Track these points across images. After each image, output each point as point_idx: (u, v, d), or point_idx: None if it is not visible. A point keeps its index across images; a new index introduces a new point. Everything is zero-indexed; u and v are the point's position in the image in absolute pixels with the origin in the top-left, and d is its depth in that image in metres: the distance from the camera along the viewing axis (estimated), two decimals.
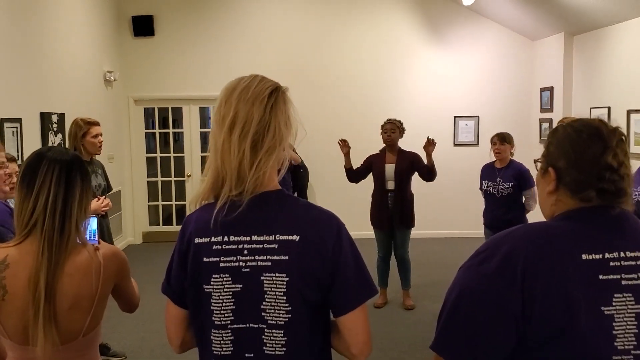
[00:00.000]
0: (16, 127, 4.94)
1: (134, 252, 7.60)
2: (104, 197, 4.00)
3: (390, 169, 5.25)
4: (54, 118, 5.68)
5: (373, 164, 5.34)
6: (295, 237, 1.37)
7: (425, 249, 7.40)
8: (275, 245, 1.38)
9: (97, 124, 4.12)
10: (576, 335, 1.11)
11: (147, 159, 8.37)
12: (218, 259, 1.40)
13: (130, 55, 8.07)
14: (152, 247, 7.91)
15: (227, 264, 1.39)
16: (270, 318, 1.38)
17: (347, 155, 5.32)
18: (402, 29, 8.22)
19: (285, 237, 1.38)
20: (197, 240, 1.42)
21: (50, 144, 5.52)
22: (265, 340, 1.39)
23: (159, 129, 8.46)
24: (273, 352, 1.39)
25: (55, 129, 5.66)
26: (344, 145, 5.31)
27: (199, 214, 1.46)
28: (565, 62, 7.43)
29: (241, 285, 1.39)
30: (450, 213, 8.27)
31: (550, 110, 7.70)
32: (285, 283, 1.36)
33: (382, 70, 8.23)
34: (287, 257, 1.37)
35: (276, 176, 1.47)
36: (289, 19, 8.15)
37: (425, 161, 5.19)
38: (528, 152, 7.33)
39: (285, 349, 1.38)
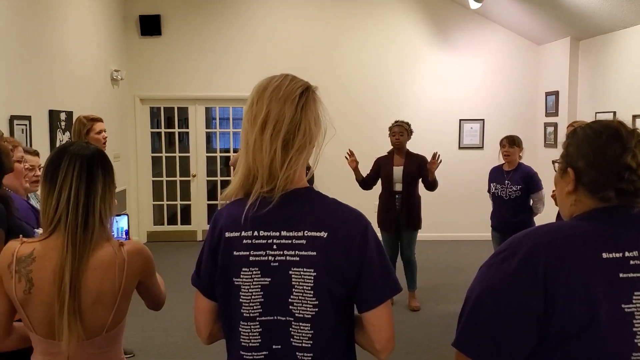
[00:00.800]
0: (25, 125, 4.96)
1: None
2: None
3: (398, 171, 5.27)
4: (62, 116, 5.70)
5: (381, 166, 5.36)
6: (323, 234, 1.40)
7: (431, 251, 7.41)
8: (304, 241, 1.40)
9: (100, 120, 4.13)
10: (597, 333, 1.13)
11: (152, 158, 8.39)
12: (248, 253, 1.42)
13: (137, 54, 8.09)
14: (157, 247, 7.90)
15: (257, 258, 1.42)
16: (298, 311, 1.41)
17: (356, 170, 5.35)
18: (409, 32, 8.25)
19: (314, 234, 1.40)
20: (227, 235, 1.44)
21: (58, 142, 5.54)
22: (292, 333, 1.42)
23: (165, 128, 8.48)
24: (300, 344, 1.41)
25: (63, 127, 5.68)
26: (352, 160, 5.31)
27: (229, 210, 1.48)
28: (570, 67, 7.45)
29: (270, 279, 1.42)
30: (455, 216, 8.28)
31: (556, 114, 7.72)
32: (312, 278, 1.39)
33: (389, 73, 8.25)
34: (314, 253, 1.39)
35: (305, 174, 1.51)
36: (296, 22, 8.18)
37: (429, 168, 5.21)
38: (533, 156, 7.35)
39: (311, 342, 1.41)
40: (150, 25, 7.98)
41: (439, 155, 5.11)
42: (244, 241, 1.43)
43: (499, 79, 8.33)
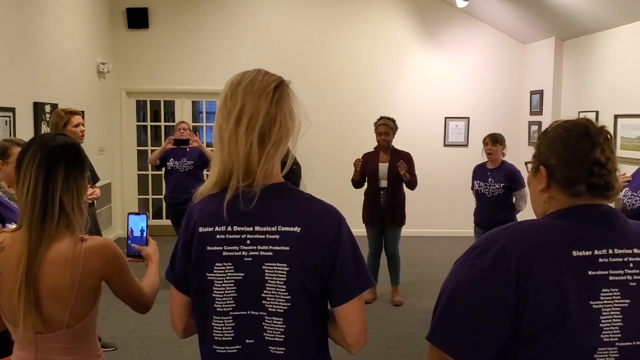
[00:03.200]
0: (9, 117, 4.93)
1: (123, 244, 7.56)
2: (89, 186, 4.03)
3: (383, 168, 5.31)
4: (47, 108, 5.67)
5: (367, 163, 5.39)
6: (297, 229, 1.41)
7: (415, 247, 7.46)
8: (277, 236, 1.41)
9: (77, 113, 4.13)
10: (566, 328, 1.16)
11: (137, 151, 8.35)
12: (221, 248, 1.43)
13: (123, 47, 8.05)
14: None
15: (230, 253, 1.43)
16: (271, 306, 1.42)
17: (357, 171, 5.34)
18: (397, 30, 8.28)
19: (287, 229, 1.41)
20: (201, 230, 1.45)
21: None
22: (265, 327, 1.43)
23: (151, 122, 8.45)
24: (273, 339, 1.43)
25: (47, 119, 5.64)
26: (358, 160, 5.34)
27: (203, 205, 1.49)
28: (555, 66, 7.52)
29: (243, 274, 1.43)
30: (439, 212, 8.34)
31: (540, 113, 7.79)
32: (285, 272, 1.40)
33: (376, 70, 8.28)
34: (288, 248, 1.40)
35: (280, 169, 1.51)
36: (285, 17, 8.17)
37: (413, 162, 5.30)
38: (517, 154, 7.42)
39: (284, 336, 1.42)
40: (137, 18, 7.95)
41: (401, 164, 5.14)
42: (218, 236, 1.44)
43: (484, 78, 8.38)
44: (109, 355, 4.22)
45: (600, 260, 1.21)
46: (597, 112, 6.60)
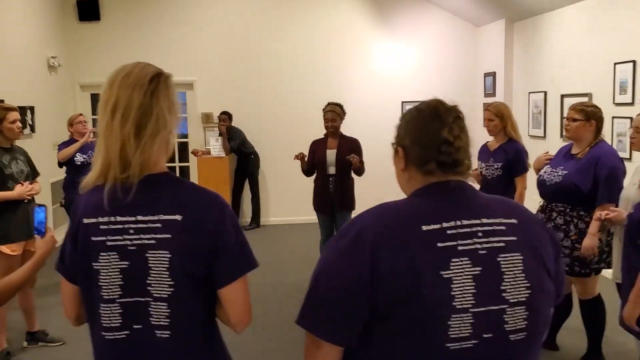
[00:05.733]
0: None
1: None
2: (28, 182, 4.02)
3: (331, 154, 5.34)
4: None
5: (315, 150, 5.43)
6: (178, 217, 1.46)
7: None
8: (159, 225, 1.46)
9: (14, 109, 4.11)
10: (419, 298, 1.21)
11: None
12: (105, 238, 1.47)
13: (75, 40, 7.97)
14: None
15: (114, 243, 1.47)
16: (155, 291, 1.47)
17: (302, 160, 5.41)
18: (350, 15, 8.31)
19: (169, 217, 1.46)
20: (85, 221, 1.49)
21: None
22: (151, 312, 1.48)
23: None
24: (158, 323, 1.48)
25: None
26: (300, 157, 5.40)
27: (88, 197, 1.53)
28: (506, 48, 7.63)
29: (128, 262, 1.47)
30: (391, 196, 8.30)
31: (493, 94, 7.90)
32: (168, 259, 1.45)
33: (330, 56, 8.31)
34: (170, 236, 1.45)
35: (163, 160, 1.55)
36: (239, 6, 8.15)
37: (361, 149, 5.34)
38: (472, 136, 7.50)
39: (169, 320, 1.48)
40: (88, 11, 7.88)
41: (353, 157, 5.16)
42: (101, 227, 1.47)
43: (439, 60, 8.47)
44: (57, 350, 4.23)
45: (448, 232, 1.26)
46: (545, 92, 6.73)
